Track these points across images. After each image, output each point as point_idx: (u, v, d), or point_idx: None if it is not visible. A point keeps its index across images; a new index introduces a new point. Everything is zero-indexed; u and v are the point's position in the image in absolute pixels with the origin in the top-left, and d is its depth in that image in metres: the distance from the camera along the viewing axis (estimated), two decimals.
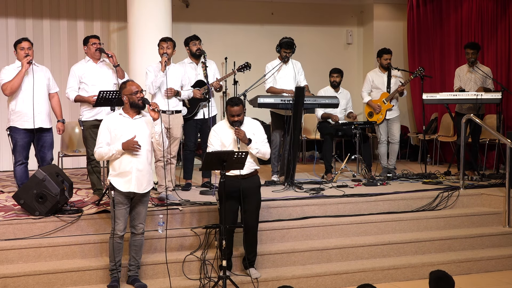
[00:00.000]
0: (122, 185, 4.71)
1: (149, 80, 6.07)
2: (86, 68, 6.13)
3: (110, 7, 9.05)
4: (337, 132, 7.59)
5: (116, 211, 4.72)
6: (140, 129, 4.78)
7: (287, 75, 7.14)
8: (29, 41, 5.98)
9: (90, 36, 6.28)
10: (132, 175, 4.71)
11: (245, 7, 9.85)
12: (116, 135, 4.73)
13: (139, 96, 4.78)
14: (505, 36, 8.39)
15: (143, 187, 4.78)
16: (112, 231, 4.74)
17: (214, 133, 5.15)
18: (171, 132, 6.12)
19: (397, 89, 7.56)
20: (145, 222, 4.90)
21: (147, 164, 4.81)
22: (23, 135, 5.92)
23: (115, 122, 4.79)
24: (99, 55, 6.15)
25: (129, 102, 4.79)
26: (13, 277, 4.77)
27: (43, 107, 5.97)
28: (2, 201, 6.03)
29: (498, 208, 6.41)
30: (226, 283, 4.75)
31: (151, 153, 4.92)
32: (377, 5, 10.14)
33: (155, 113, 4.73)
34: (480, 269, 5.75)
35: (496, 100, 7.29)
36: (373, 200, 6.24)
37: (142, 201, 4.83)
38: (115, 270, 4.78)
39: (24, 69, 5.82)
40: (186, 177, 6.88)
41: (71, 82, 6.10)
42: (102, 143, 4.76)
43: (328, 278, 5.30)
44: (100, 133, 4.80)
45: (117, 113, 4.87)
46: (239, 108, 5.05)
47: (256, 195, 5.10)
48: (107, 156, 4.73)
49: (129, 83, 4.89)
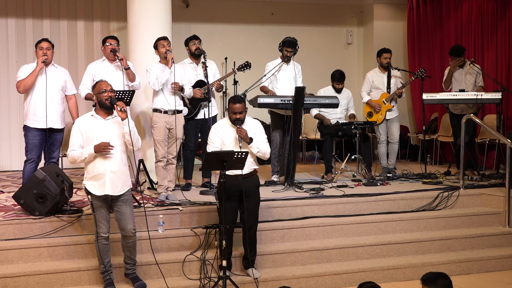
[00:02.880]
0: (96, 188, 4.66)
1: (152, 76, 6.01)
2: (100, 67, 6.23)
3: (110, 7, 9.05)
4: (337, 132, 7.59)
5: (96, 215, 4.69)
6: (112, 130, 4.72)
7: (288, 75, 7.14)
8: (49, 42, 6.03)
9: (108, 37, 6.38)
10: (106, 177, 4.64)
11: (245, 7, 9.85)
12: (88, 137, 4.68)
13: (106, 95, 4.69)
14: (505, 36, 8.39)
15: (118, 188, 4.70)
16: (96, 234, 4.72)
17: (215, 131, 5.14)
18: (173, 132, 6.12)
19: (396, 91, 7.56)
20: (134, 222, 4.81)
21: (121, 165, 4.73)
22: (35, 134, 5.94)
23: (87, 124, 4.73)
24: (113, 56, 6.18)
25: (97, 101, 4.75)
26: (13, 277, 4.77)
27: (55, 107, 5.98)
28: (2, 201, 6.03)
29: (498, 208, 6.41)
30: (226, 283, 4.75)
31: (126, 154, 4.84)
32: (377, 5, 10.14)
33: (122, 113, 4.62)
34: (480, 269, 5.75)
35: (496, 100, 7.29)
36: (373, 200, 6.24)
37: (123, 201, 4.74)
38: (106, 272, 4.75)
39: (38, 68, 5.85)
40: (186, 177, 6.89)
41: (85, 80, 6.23)
42: (74, 146, 4.70)
43: (328, 278, 5.30)
44: (72, 135, 4.74)
45: (89, 114, 4.80)
46: (241, 105, 5.06)
47: (255, 195, 5.10)
48: (80, 160, 4.67)
49: (100, 82, 4.84)
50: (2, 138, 8.65)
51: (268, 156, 5.23)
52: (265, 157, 5.22)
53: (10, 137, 8.64)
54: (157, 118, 6.08)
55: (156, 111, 6.11)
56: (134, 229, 4.78)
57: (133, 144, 4.71)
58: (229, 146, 5.07)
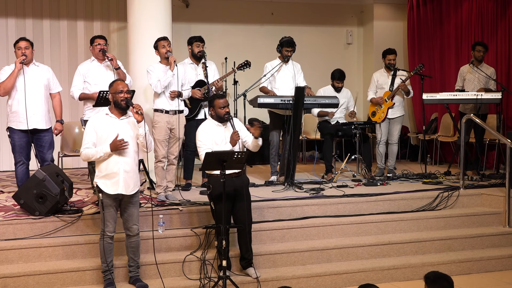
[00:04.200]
0: (109, 187, 4.66)
1: (154, 78, 5.99)
2: (90, 67, 6.15)
3: (110, 7, 9.05)
4: (337, 132, 7.59)
5: (105, 213, 4.69)
6: (126, 130, 4.73)
7: (287, 75, 7.14)
8: (27, 41, 5.94)
9: (96, 36, 6.28)
10: (119, 176, 4.66)
11: (245, 7, 9.85)
12: (102, 135, 4.68)
13: (123, 96, 4.70)
14: (505, 36, 8.39)
15: (131, 188, 4.73)
16: (102, 233, 4.72)
17: (204, 133, 5.14)
18: (174, 132, 6.11)
19: (398, 87, 7.55)
20: (138, 223, 4.86)
21: (134, 165, 4.76)
22: (20, 135, 5.89)
23: (101, 122, 4.73)
24: (102, 56, 6.14)
25: (113, 101, 4.75)
26: (13, 277, 4.77)
27: (38, 107, 5.91)
28: (2, 201, 6.03)
29: (498, 208, 6.41)
30: (226, 283, 4.75)
31: (138, 154, 4.86)
32: (377, 5, 10.14)
33: (138, 116, 4.64)
34: (480, 269, 5.75)
35: (496, 100, 7.29)
36: (373, 200, 6.24)
37: (131, 203, 4.78)
38: (108, 271, 4.76)
39: (17, 69, 5.79)
40: (187, 177, 6.89)
41: (76, 81, 6.13)
42: (88, 144, 4.69)
43: (328, 278, 5.30)
44: (86, 133, 4.74)
45: (104, 113, 4.79)
46: (225, 99, 5.18)
47: (247, 193, 5.13)
48: (94, 158, 4.68)
49: (117, 82, 4.83)
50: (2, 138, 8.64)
51: (257, 149, 5.28)
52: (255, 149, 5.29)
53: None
54: (159, 118, 6.07)
55: (158, 111, 6.10)
56: (138, 229, 4.84)
57: (147, 146, 4.74)
58: (221, 144, 5.09)
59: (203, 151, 4.94)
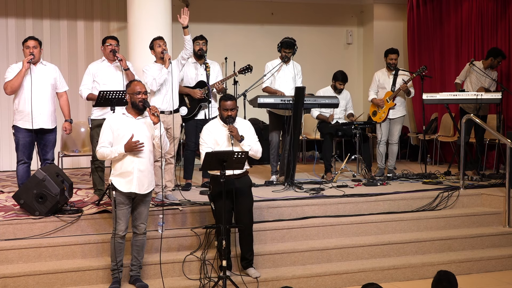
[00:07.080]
0: (123, 185, 4.71)
1: (149, 77, 5.99)
2: (100, 67, 6.14)
3: (110, 7, 9.05)
4: (337, 132, 7.58)
5: (117, 211, 4.73)
6: (143, 130, 4.79)
7: (287, 75, 7.14)
8: (36, 40, 5.96)
9: (108, 37, 6.26)
10: (133, 175, 4.71)
11: (245, 7, 9.85)
12: (119, 134, 4.74)
13: (141, 97, 4.77)
14: (505, 36, 8.39)
15: (144, 187, 4.78)
16: (113, 231, 4.75)
17: (207, 131, 5.16)
18: (171, 132, 6.11)
19: (400, 88, 7.54)
20: (147, 222, 4.91)
21: (149, 164, 4.82)
22: (25, 134, 5.89)
23: (118, 122, 4.79)
24: (113, 56, 6.13)
25: (130, 101, 4.80)
26: (13, 277, 4.77)
27: (45, 107, 5.91)
28: (2, 201, 6.02)
29: (498, 208, 6.41)
30: (226, 283, 4.75)
31: (153, 154, 4.93)
32: (377, 5, 10.14)
33: (154, 117, 4.72)
34: (480, 269, 5.75)
35: (496, 100, 7.29)
36: (373, 200, 6.24)
37: (143, 202, 4.83)
38: (117, 270, 4.78)
39: (24, 69, 5.79)
40: (186, 177, 6.89)
41: (85, 80, 6.12)
42: (104, 142, 4.76)
43: (328, 278, 5.30)
44: (103, 132, 4.79)
45: (120, 112, 4.87)
46: (232, 103, 5.11)
47: (249, 195, 5.14)
48: (109, 157, 4.74)
49: (135, 82, 4.89)
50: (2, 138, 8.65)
51: (259, 155, 5.25)
52: (257, 156, 5.24)
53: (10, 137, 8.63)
54: None
55: None
56: (145, 228, 4.87)
57: (162, 147, 4.81)
58: (222, 145, 5.09)
59: (204, 150, 4.96)
